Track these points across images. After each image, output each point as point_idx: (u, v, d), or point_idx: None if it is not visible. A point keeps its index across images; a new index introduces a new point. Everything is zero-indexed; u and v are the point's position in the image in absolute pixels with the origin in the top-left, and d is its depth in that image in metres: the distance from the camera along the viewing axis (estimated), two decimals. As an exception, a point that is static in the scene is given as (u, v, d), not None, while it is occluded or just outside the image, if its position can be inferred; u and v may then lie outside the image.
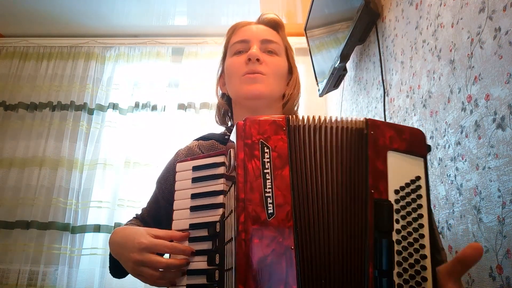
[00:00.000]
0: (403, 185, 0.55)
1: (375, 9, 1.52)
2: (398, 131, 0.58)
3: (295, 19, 2.62)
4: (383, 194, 0.55)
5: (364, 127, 0.58)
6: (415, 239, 0.53)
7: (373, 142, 0.57)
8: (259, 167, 0.54)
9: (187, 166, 0.68)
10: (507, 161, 0.73)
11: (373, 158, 0.56)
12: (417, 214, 0.54)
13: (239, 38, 0.89)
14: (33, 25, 2.77)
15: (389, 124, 0.59)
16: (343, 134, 0.58)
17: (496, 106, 0.77)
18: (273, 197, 0.52)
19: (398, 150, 0.57)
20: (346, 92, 2.09)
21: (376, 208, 0.54)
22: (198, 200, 0.65)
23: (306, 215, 0.54)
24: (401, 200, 0.55)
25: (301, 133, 0.57)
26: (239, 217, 0.52)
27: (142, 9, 2.57)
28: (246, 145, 0.55)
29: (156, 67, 2.71)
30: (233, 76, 0.88)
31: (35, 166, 2.47)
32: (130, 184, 2.42)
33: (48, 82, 2.70)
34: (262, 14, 0.95)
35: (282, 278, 0.49)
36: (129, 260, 0.65)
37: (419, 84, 1.16)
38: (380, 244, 0.52)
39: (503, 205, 0.74)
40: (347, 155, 0.57)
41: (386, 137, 0.57)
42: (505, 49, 0.75)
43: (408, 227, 0.54)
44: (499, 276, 0.74)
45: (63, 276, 2.23)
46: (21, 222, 2.35)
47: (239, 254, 0.50)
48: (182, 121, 2.56)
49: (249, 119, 0.56)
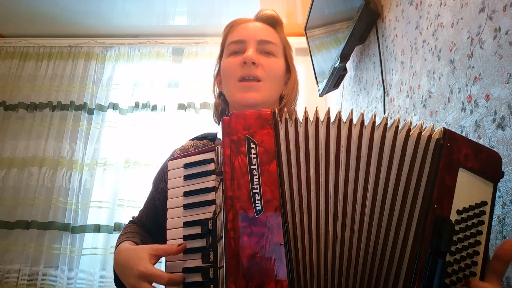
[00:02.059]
0: (467, 207, 0.52)
1: (375, 9, 1.52)
2: (475, 150, 0.54)
3: (295, 19, 2.62)
4: (445, 211, 0.52)
5: (441, 136, 0.55)
6: (467, 265, 0.51)
7: (447, 155, 0.53)
8: (246, 164, 0.53)
9: (179, 164, 0.68)
10: (507, 161, 0.73)
11: (443, 172, 0.52)
12: (474, 240, 0.52)
13: (236, 38, 0.88)
14: (33, 25, 2.77)
15: (467, 140, 0.55)
16: (406, 140, 0.55)
17: (496, 106, 0.77)
18: (260, 193, 0.51)
19: (470, 169, 0.53)
20: (346, 92, 2.09)
21: (437, 224, 0.51)
22: (191, 198, 0.64)
23: (298, 210, 0.53)
24: (462, 222, 0.52)
25: (292, 127, 0.55)
26: (228, 215, 0.51)
27: (142, 9, 2.57)
28: (232, 141, 0.54)
29: (156, 67, 2.71)
30: (229, 79, 0.87)
31: (35, 166, 2.47)
32: (130, 184, 2.42)
33: (48, 82, 2.70)
34: (261, 10, 0.93)
35: (272, 274, 0.49)
36: (128, 284, 0.66)
37: (419, 84, 1.16)
38: (433, 263, 0.50)
39: (503, 205, 0.74)
40: (401, 158, 0.54)
41: (462, 153, 0.54)
42: (505, 49, 0.75)
43: (463, 252, 0.51)
44: (499, 276, 0.74)
45: (63, 276, 2.23)
46: (21, 222, 2.35)
47: (228, 253, 0.50)
48: (182, 121, 2.56)
49: (234, 114, 0.55)
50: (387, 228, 0.53)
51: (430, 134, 0.55)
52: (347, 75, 1.99)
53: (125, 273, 0.68)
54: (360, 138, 0.55)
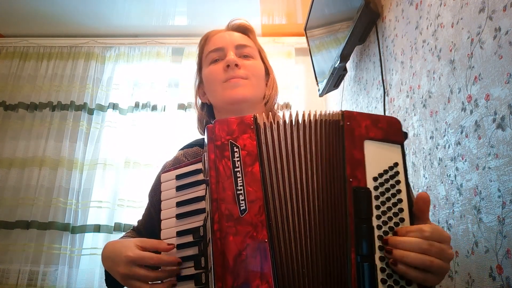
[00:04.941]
0: (382, 172, 0.57)
1: (375, 9, 1.52)
2: (374, 121, 0.59)
3: (295, 19, 2.61)
4: (361, 182, 0.56)
5: (340, 118, 0.60)
6: (396, 223, 0.55)
7: (349, 132, 0.58)
8: (230, 167, 0.55)
9: (171, 176, 0.70)
10: (507, 161, 0.73)
11: (350, 148, 0.58)
12: (396, 199, 0.56)
13: (214, 47, 0.90)
14: (33, 25, 2.77)
15: (364, 114, 0.60)
16: (319, 127, 0.59)
17: (496, 106, 0.77)
18: (244, 193, 0.54)
19: (374, 138, 0.58)
20: (346, 92, 2.09)
21: (355, 196, 0.55)
22: (183, 208, 0.66)
23: (281, 208, 0.55)
24: (380, 187, 0.56)
25: (274, 130, 0.58)
26: (214, 216, 0.53)
27: (142, 9, 2.57)
28: (216, 147, 0.57)
29: (156, 67, 2.71)
30: (214, 84, 0.88)
31: (35, 166, 2.47)
32: (130, 184, 2.42)
33: (48, 82, 2.69)
34: (231, 20, 0.96)
35: (257, 271, 0.51)
36: (117, 274, 0.65)
37: (419, 84, 1.16)
38: (360, 230, 0.54)
39: (503, 205, 0.74)
40: (325, 147, 0.59)
41: (362, 127, 0.59)
42: (505, 49, 0.75)
43: (388, 212, 0.55)
44: (499, 276, 0.74)
45: (63, 276, 2.23)
46: (21, 222, 2.35)
47: (215, 253, 0.52)
48: (182, 121, 2.56)
49: (218, 121, 0.58)
50: (326, 213, 0.56)
51: (327, 119, 0.60)
52: (347, 75, 1.99)
53: (113, 264, 0.67)
54: (293, 138, 0.59)
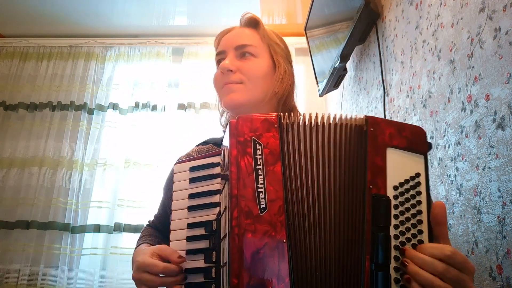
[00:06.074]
0: (403, 181, 0.56)
1: (375, 9, 1.52)
2: (399, 129, 0.59)
3: (295, 19, 2.61)
4: (381, 189, 0.56)
5: (364, 124, 0.59)
6: (413, 235, 0.54)
7: (372, 138, 0.58)
8: (252, 164, 0.55)
9: (185, 167, 0.70)
10: (507, 161, 0.73)
11: (372, 154, 0.57)
12: (416, 210, 0.55)
13: (218, 50, 0.92)
14: (33, 25, 2.77)
15: (389, 122, 0.59)
16: (342, 131, 0.59)
17: (496, 106, 0.77)
18: (265, 192, 0.54)
19: (397, 147, 0.58)
20: (346, 92, 2.09)
21: (374, 203, 0.55)
22: (196, 200, 0.66)
23: (299, 209, 0.55)
24: (400, 196, 0.56)
25: (294, 130, 0.58)
26: (233, 212, 0.53)
27: (142, 9, 2.57)
28: (239, 142, 0.56)
29: (156, 67, 2.71)
30: (216, 89, 0.92)
31: (35, 166, 2.47)
32: (130, 184, 2.42)
33: (48, 82, 2.69)
34: (242, 15, 0.95)
35: (274, 270, 0.51)
36: (132, 279, 0.69)
37: (419, 84, 1.16)
38: (376, 238, 0.53)
39: (503, 205, 0.74)
40: (346, 151, 0.58)
41: (386, 134, 0.58)
42: (505, 49, 0.75)
43: (407, 223, 0.55)
44: (499, 276, 0.74)
45: (63, 276, 2.23)
46: (21, 222, 2.35)
47: (232, 248, 0.52)
48: (182, 121, 2.56)
49: (242, 117, 0.58)
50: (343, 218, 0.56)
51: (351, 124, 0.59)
52: (347, 75, 1.99)
53: (132, 268, 0.71)
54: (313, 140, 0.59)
